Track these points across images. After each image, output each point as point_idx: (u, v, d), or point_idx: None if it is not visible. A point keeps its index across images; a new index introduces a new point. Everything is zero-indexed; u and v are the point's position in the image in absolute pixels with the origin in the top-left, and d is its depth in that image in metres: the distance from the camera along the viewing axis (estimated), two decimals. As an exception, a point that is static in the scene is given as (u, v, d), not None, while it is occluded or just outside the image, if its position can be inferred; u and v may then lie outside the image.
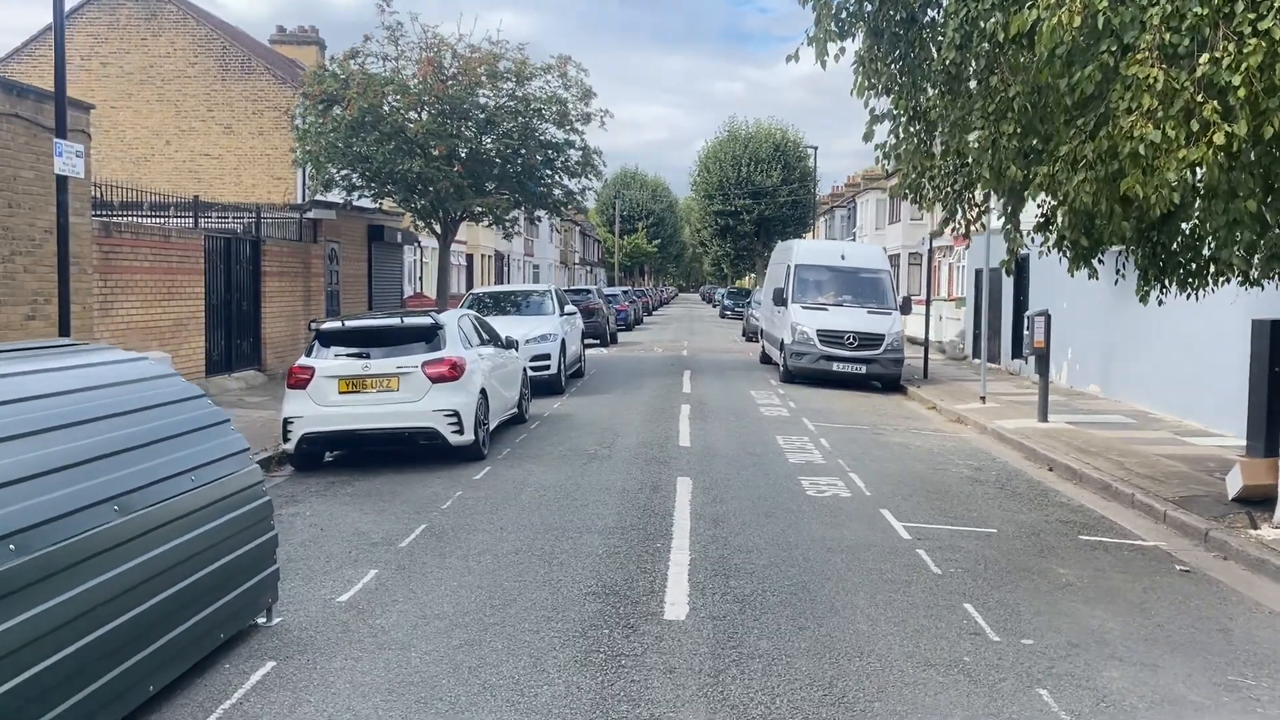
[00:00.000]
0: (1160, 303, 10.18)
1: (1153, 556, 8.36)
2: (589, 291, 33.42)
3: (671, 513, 9.12)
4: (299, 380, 11.42)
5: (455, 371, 11.48)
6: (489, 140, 22.90)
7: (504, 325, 18.27)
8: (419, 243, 34.27)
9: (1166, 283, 9.72)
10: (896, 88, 8.67)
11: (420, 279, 38.14)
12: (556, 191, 24.22)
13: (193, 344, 16.40)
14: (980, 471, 11.93)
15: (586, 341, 29.69)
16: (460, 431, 11.42)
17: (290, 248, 20.70)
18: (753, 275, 75.13)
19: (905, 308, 21.75)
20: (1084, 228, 7.66)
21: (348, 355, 11.50)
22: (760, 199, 65.40)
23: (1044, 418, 15.29)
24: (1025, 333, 15.52)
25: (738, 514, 9.14)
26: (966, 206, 9.72)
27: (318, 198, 22.35)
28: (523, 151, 22.63)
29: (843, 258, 22.73)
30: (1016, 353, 23.36)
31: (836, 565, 7.60)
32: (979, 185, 8.74)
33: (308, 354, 11.75)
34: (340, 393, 11.32)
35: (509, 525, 8.69)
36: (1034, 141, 7.78)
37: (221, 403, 16.43)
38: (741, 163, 65.99)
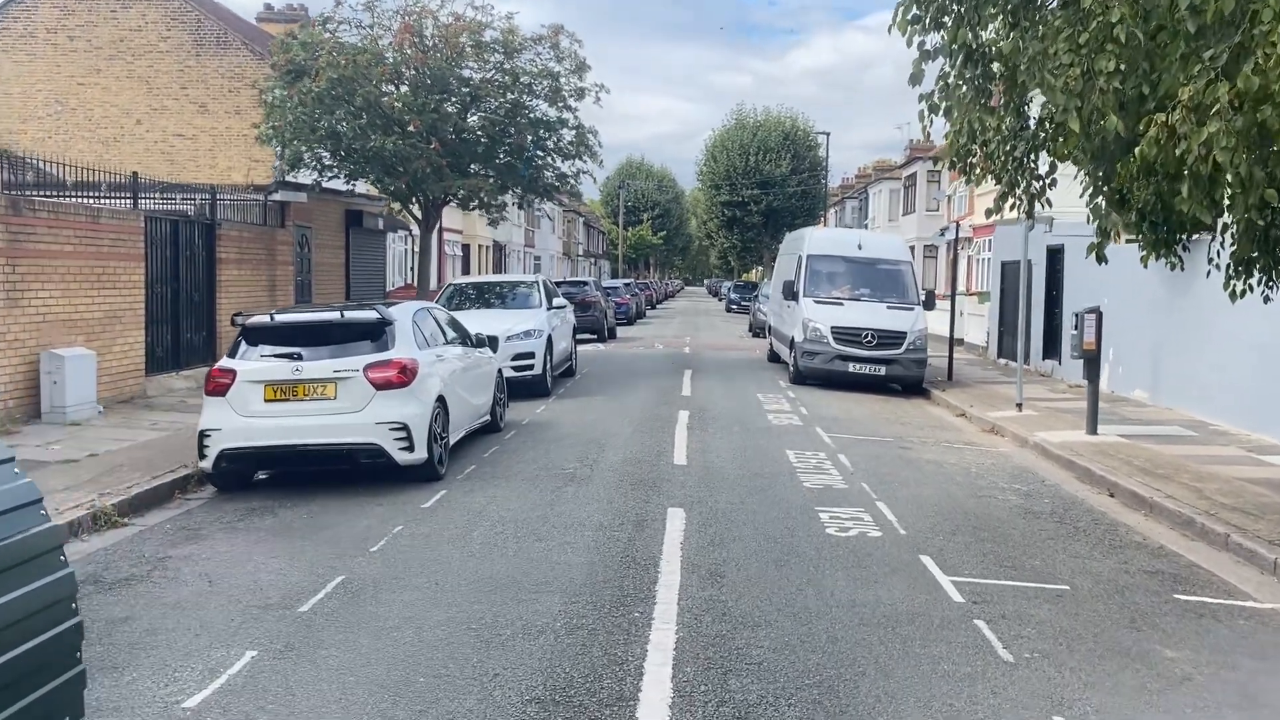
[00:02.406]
0: (1266, 299, 8.26)
1: (1278, 627, 6.45)
2: (585, 283, 31.49)
3: (658, 561, 7.21)
4: (218, 385, 9.56)
5: (405, 376, 9.60)
6: (474, 118, 20.99)
7: (484, 320, 16.44)
8: (410, 231, 32.45)
9: (1276, 274, 7.79)
10: (951, 18, 6.73)
11: (411, 269, 36.28)
12: (548, 174, 22.26)
13: (130, 339, 14.53)
14: (1031, 499, 10.02)
15: (582, 337, 27.82)
16: (409, 448, 9.53)
17: (253, 232, 18.82)
18: (760, 268, 73.12)
19: (928, 303, 19.78)
20: (1208, 201, 5.73)
21: (276, 356, 9.63)
22: (769, 189, 63.40)
23: (1093, 429, 13.37)
24: (1072, 332, 13.59)
25: (741, 564, 7.24)
26: (1029, 178, 7.79)
27: (285, 178, 20.43)
28: (510, 130, 20.70)
29: (860, 247, 20.75)
30: (1049, 352, 21.41)
31: (873, 648, 5.69)
32: (1057, 146, 6.80)
33: (231, 354, 9.88)
34: (266, 400, 9.45)
35: (448, 579, 6.80)
36: (1135, 86, 5.85)
37: (161, 405, 14.60)
38: (750, 151, 63.97)
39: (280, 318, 9.99)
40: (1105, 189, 6.85)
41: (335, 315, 9.94)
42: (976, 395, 17.84)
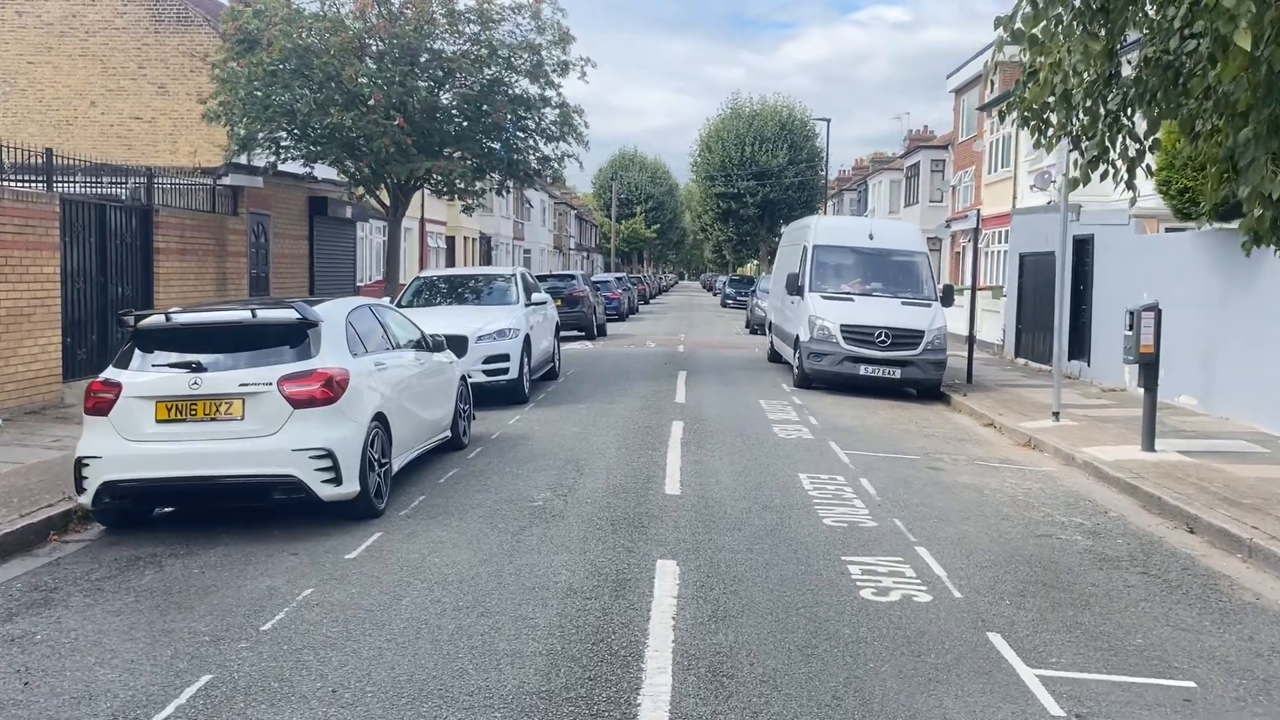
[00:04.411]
0: None
1: None
2: (573, 277, 29.57)
3: (642, 650, 5.36)
4: (99, 402, 7.71)
5: (330, 390, 7.74)
6: (446, 95, 19.11)
7: (453, 318, 14.69)
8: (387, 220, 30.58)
9: None
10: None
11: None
12: (530, 157, 20.35)
13: (42, 339, 12.66)
14: (1099, 538, 8.20)
15: (569, 334, 26.01)
16: (335, 480, 7.67)
17: (198, 220, 16.94)
18: (756, 262, 71.34)
19: (947, 298, 17.95)
20: None
21: (171, 366, 7.76)
22: (765, 180, 61.55)
23: (1150, 445, 11.57)
24: (1126, 333, 11.77)
25: (754, 652, 5.39)
26: (1125, 138, 5.95)
27: (235, 160, 18.54)
28: (486, 108, 18.79)
29: (870, 237, 18.89)
30: (1075, 352, 19.60)
31: (956, 814, 3.87)
32: (1192, 86, 4.95)
33: (120, 363, 8.02)
34: (158, 421, 7.59)
35: (352, 682, 4.95)
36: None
37: (77, 416, 12.60)
38: (745, 142, 62.11)
39: (179, 318, 8.09)
40: (1274, 142, 4.97)
41: (246, 315, 8.05)
42: (1002, 401, 16.04)
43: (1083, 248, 19.42)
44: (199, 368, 7.65)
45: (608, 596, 6.20)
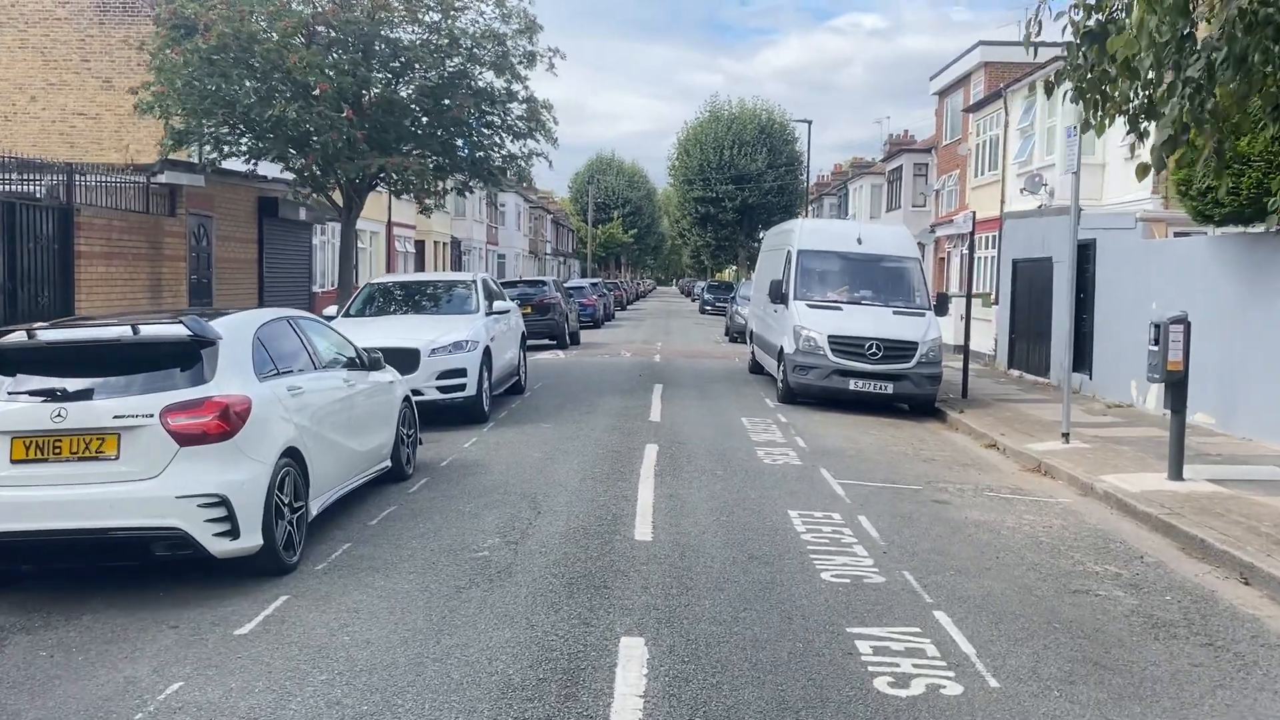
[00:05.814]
0: None
1: None
2: (543, 283, 28.18)
3: (593, 786, 4.06)
4: (-56, 438, 6.33)
5: (227, 423, 6.37)
6: (406, 89, 17.75)
7: (405, 328, 13.46)
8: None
9: None
10: None
11: (355, 268, 32.80)
12: (495, 155, 18.99)
13: (-65, 354, 11.20)
14: (1143, 594, 6.95)
15: (540, 343, 24.73)
16: (232, 533, 6.31)
17: (128, 221, 15.50)
18: (735, 267, 70.19)
19: (941, 307, 16.74)
20: None
21: (32, 394, 6.39)
22: (744, 185, 60.36)
23: (1178, 473, 10.38)
24: (1151, 348, 10.58)
25: (744, 785, 4.10)
26: (1208, 117, 4.71)
27: (173, 157, 17.11)
28: (447, 102, 17.43)
29: (859, 241, 17.65)
30: (1076, 365, 18.41)
31: None
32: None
33: (-27, 389, 6.63)
34: (15, 461, 6.22)
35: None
36: None
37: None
38: (724, 145, 60.89)
39: (45, 335, 6.70)
40: None
41: (125, 331, 6.66)
42: (1001, 418, 14.83)
43: (1084, 253, 18.20)
44: (65, 396, 6.29)
45: (554, 696, 4.86)
